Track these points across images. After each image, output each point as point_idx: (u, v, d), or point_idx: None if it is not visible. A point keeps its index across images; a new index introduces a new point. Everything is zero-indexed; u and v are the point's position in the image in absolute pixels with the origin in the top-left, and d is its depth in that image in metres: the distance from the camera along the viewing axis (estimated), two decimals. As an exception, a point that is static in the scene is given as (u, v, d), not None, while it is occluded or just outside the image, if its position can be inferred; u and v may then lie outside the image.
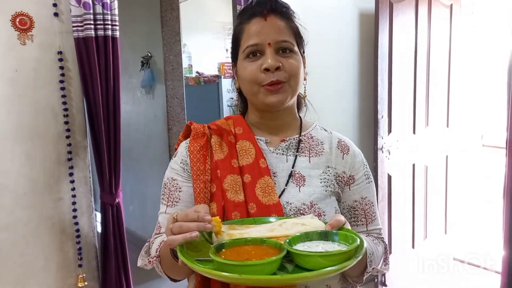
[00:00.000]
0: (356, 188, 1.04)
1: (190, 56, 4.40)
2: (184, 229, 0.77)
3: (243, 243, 0.79)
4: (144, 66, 3.46)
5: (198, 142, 1.01)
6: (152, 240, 1.01)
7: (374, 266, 0.97)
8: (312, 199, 0.97)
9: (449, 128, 3.33)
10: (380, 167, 2.85)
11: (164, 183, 1.04)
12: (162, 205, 1.03)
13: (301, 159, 1.03)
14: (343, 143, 1.08)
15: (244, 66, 0.99)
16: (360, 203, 1.05)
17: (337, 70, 2.86)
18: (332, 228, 0.82)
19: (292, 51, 0.99)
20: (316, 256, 0.73)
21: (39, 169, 1.85)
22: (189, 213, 0.79)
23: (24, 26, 1.77)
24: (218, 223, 0.79)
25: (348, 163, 1.05)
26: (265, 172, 0.97)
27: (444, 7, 3.13)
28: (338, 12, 2.80)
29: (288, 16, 1.02)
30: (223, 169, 0.98)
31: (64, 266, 1.94)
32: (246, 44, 0.98)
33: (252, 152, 1.00)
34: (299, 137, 1.06)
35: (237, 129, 1.05)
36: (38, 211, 1.86)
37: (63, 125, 1.88)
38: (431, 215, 3.25)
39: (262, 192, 0.95)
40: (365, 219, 1.05)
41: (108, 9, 1.82)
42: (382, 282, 2.95)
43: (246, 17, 1.01)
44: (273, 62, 0.95)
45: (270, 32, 0.97)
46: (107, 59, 1.85)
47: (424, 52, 3.03)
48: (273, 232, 0.82)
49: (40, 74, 1.82)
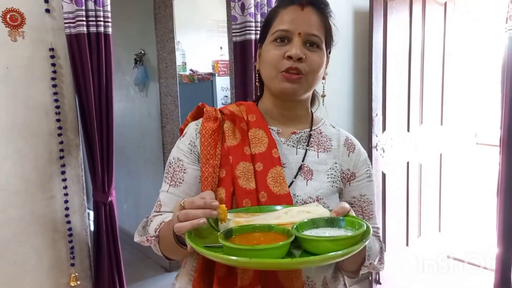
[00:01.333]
0: (356, 185, 1.06)
1: (184, 54, 4.38)
2: (190, 216, 0.78)
3: (250, 229, 0.80)
4: (138, 64, 3.43)
5: (211, 125, 1.00)
6: (151, 218, 1.01)
7: (371, 261, 0.98)
8: (319, 193, 0.99)
9: (443, 126, 3.34)
10: (374, 165, 2.85)
11: (169, 162, 1.04)
12: (164, 184, 1.03)
13: (311, 153, 1.04)
14: (350, 141, 1.10)
15: (269, 49, 0.99)
16: (358, 200, 1.06)
17: (331, 68, 2.84)
18: (338, 215, 0.83)
19: (319, 47, 1.01)
20: (324, 241, 0.75)
21: (31, 167, 1.83)
22: (195, 200, 0.80)
23: (15, 22, 1.74)
24: (224, 210, 0.80)
25: (353, 160, 1.06)
26: (277, 162, 0.98)
27: (438, 5, 3.13)
28: (332, 10, 2.79)
29: (325, 13, 1.04)
30: (235, 156, 0.98)
31: (56, 265, 1.92)
32: (277, 27, 0.99)
33: (265, 141, 1.00)
34: (310, 131, 1.08)
35: (250, 116, 1.04)
36: (30, 210, 1.84)
37: (55, 123, 1.85)
38: (425, 213, 3.26)
39: (274, 181, 0.96)
40: (362, 216, 1.06)
41: (100, 6, 1.80)
42: (376, 280, 2.95)
43: (285, 2, 1.01)
44: (298, 52, 0.95)
45: (303, 23, 0.98)
46: (100, 56, 1.83)
47: (418, 50, 3.03)
48: (278, 220, 0.83)
49: (31, 71, 1.79)
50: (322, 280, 0.99)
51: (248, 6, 2.18)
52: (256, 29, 2.21)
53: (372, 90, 2.79)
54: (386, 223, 2.99)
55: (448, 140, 3.43)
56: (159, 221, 0.97)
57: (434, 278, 3.12)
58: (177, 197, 0.99)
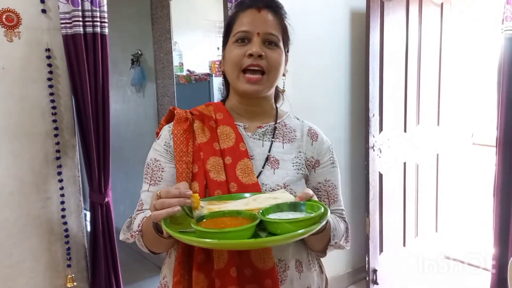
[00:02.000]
0: (321, 171, 1.15)
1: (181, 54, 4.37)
2: (166, 205, 0.84)
3: (221, 215, 0.88)
4: (134, 64, 3.43)
5: (182, 126, 1.10)
6: (134, 216, 1.09)
7: (336, 240, 1.08)
8: (285, 181, 1.07)
9: (439, 126, 3.35)
10: (371, 166, 2.86)
11: (147, 163, 1.12)
12: (144, 184, 1.11)
13: (276, 144, 1.13)
14: (313, 131, 1.19)
15: (231, 49, 1.08)
16: (323, 185, 1.15)
17: (328, 69, 2.85)
18: (301, 199, 0.92)
19: (277, 45, 1.08)
20: (284, 223, 0.83)
21: (26, 168, 1.82)
22: (171, 190, 0.86)
23: (11, 22, 1.73)
24: (197, 199, 0.88)
25: (316, 149, 1.16)
26: (245, 155, 1.07)
27: (435, 5, 3.14)
28: (329, 11, 2.80)
29: (280, 14, 1.11)
30: (206, 152, 1.06)
31: (52, 266, 1.91)
32: (237, 29, 1.08)
33: (233, 137, 1.09)
34: (275, 124, 1.16)
35: (217, 114, 1.13)
36: (26, 211, 1.83)
37: (51, 124, 1.85)
38: (422, 213, 3.26)
39: (242, 172, 1.04)
40: (328, 200, 1.15)
41: (96, 6, 1.80)
42: (373, 280, 2.96)
43: (243, 6, 1.10)
44: (257, 49, 1.04)
45: (260, 23, 1.06)
46: (96, 57, 1.83)
47: (415, 50, 3.04)
48: (247, 206, 0.91)
49: (27, 71, 1.79)
50: (295, 263, 1.07)
51: (245, 6, 2.17)
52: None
53: (369, 90, 2.79)
54: (383, 223, 2.99)
55: (445, 141, 3.43)
56: (141, 217, 1.05)
57: (431, 278, 3.13)
58: None
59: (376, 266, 2.97)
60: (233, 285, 0.95)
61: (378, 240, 2.99)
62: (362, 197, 3.00)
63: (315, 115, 2.80)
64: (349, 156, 3.04)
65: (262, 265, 0.98)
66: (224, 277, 0.96)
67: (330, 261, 3.05)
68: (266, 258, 0.99)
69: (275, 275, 0.99)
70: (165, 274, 1.13)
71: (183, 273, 1.01)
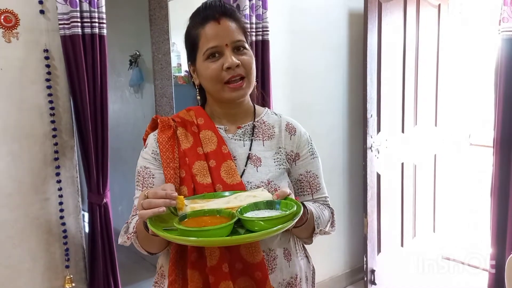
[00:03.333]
0: (301, 164, 1.20)
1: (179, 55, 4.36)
2: (152, 205, 0.90)
3: (202, 214, 0.94)
4: (133, 65, 3.43)
5: (166, 133, 1.14)
6: (129, 221, 1.14)
7: (321, 227, 1.15)
8: (269, 177, 1.12)
9: (437, 127, 3.36)
10: (369, 166, 2.86)
11: (137, 171, 1.17)
12: (137, 191, 1.16)
13: (256, 143, 1.18)
14: (291, 125, 1.22)
15: (206, 67, 1.10)
16: (305, 176, 1.20)
17: (326, 70, 2.86)
18: (278, 197, 0.98)
19: (245, 48, 1.13)
20: (259, 221, 0.89)
21: (25, 169, 1.82)
22: (157, 191, 0.92)
23: (9, 23, 1.73)
24: (181, 200, 0.94)
25: (295, 142, 1.20)
26: (227, 157, 1.11)
27: (432, 7, 3.15)
28: (327, 12, 2.81)
29: (237, 17, 1.15)
30: (190, 157, 1.11)
31: (51, 267, 1.91)
32: (205, 47, 1.10)
33: (215, 140, 1.14)
34: (253, 123, 1.20)
35: (199, 119, 1.18)
36: (24, 212, 1.83)
37: (49, 125, 1.85)
38: (419, 213, 3.27)
39: (226, 174, 1.09)
40: (310, 190, 1.21)
41: (95, 7, 1.80)
42: (371, 280, 2.96)
43: (199, 21, 1.13)
44: (233, 61, 1.08)
45: (225, 34, 1.09)
46: (95, 58, 1.83)
47: (412, 51, 3.05)
48: (228, 204, 0.96)
49: (25, 72, 1.79)
50: (283, 251, 1.13)
51: (243, 7, 2.18)
52: (251, 31, 2.22)
53: (367, 91, 2.80)
54: (381, 224, 3.00)
55: (442, 141, 3.44)
56: (136, 220, 1.10)
57: (429, 278, 3.13)
58: None
59: (374, 267, 2.97)
60: (226, 279, 1.01)
61: (376, 240, 2.99)
62: (360, 197, 3.00)
63: (314, 116, 2.81)
64: (347, 157, 3.04)
65: (251, 259, 1.04)
66: (217, 273, 1.01)
67: (328, 262, 3.06)
68: (254, 252, 1.04)
69: (264, 267, 1.05)
70: (161, 264, 1.18)
71: (177, 272, 1.06)
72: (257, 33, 2.27)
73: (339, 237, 3.07)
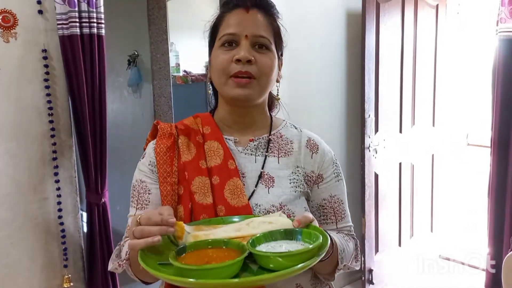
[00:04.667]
0: (325, 187, 1.04)
1: (178, 55, 4.38)
2: (145, 234, 0.75)
3: (205, 245, 0.78)
4: (131, 65, 3.43)
5: (165, 143, 0.99)
6: (122, 243, 0.99)
7: (345, 262, 0.97)
8: (282, 200, 0.95)
9: (435, 127, 3.37)
10: (367, 166, 2.87)
11: (133, 185, 1.02)
12: (131, 208, 1.01)
13: (270, 159, 1.01)
14: (313, 142, 1.06)
15: (217, 55, 0.97)
16: (329, 202, 1.04)
17: (324, 70, 2.87)
18: (299, 224, 0.82)
19: (268, 48, 0.97)
20: (276, 257, 0.72)
21: (23, 169, 1.82)
22: (152, 216, 0.77)
23: (7, 23, 1.74)
24: (181, 227, 0.78)
25: (317, 162, 1.03)
26: (234, 174, 0.95)
27: (430, 7, 3.16)
28: (325, 12, 2.81)
29: (271, 14, 1.01)
30: (190, 171, 0.96)
31: (49, 266, 1.92)
32: (223, 32, 0.97)
33: (221, 153, 0.98)
34: (269, 136, 1.04)
35: (205, 128, 1.02)
36: (22, 211, 1.83)
37: (47, 124, 1.85)
38: (417, 213, 3.28)
39: (231, 194, 0.93)
40: (335, 217, 1.05)
41: (93, 7, 1.80)
42: (369, 280, 2.97)
43: (229, 6, 0.99)
44: (246, 54, 0.93)
45: (249, 25, 0.95)
46: (93, 58, 1.83)
47: (410, 52, 3.05)
48: (239, 232, 0.81)
49: (24, 72, 1.79)
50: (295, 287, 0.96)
51: (241, 7, 2.18)
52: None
53: (365, 91, 2.81)
54: (378, 224, 3.01)
55: (440, 141, 3.45)
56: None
57: (426, 277, 3.14)
58: None
59: (372, 266, 2.98)
60: None
61: (374, 240, 3.00)
62: (357, 197, 3.01)
63: (312, 116, 2.81)
64: (345, 157, 3.05)
65: None
66: None
67: (326, 261, 3.07)
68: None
69: None
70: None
71: None
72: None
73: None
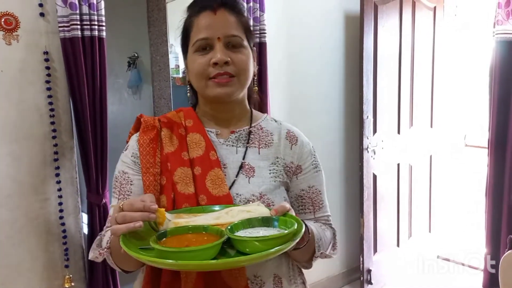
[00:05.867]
0: (303, 178, 1.07)
1: (177, 57, 4.37)
2: (127, 219, 0.78)
3: (185, 231, 0.81)
4: (131, 67, 3.44)
5: (148, 135, 1.02)
6: (103, 233, 1.02)
7: (322, 250, 1.01)
8: (262, 190, 0.99)
9: (433, 128, 3.39)
10: (365, 167, 2.89)
11: (115, 177, 1.04)
12: (113, 199, 1.04)
13: (251, 150, 1.05)
14: (292, 134, 1.09)
15: (194, 60, 0.99)
16: (307, 192, 1.08)
17: (322, 72, 2.89)
18: (277, 213, 0.85)
19: (242, 45, 1.00)
20: (253, 241, 0.76)
21: (25, 170, 1.84)
22: (134, 203, 0.80)
23: (9, 26, 1.76)
24: (162, 214, 0.81)
25: (296, 153, 1.07)
26: (215, 164, 0.99)
27: (428, 9, 3.18)
28: (323, 14, 2.83)
29: (238, 10, 1.02)
30: (173, 162, 0.99)
31: (50, 266, 1.93)
32: (195, 37, 0.98)
33: (203, 145, 1.01)
34: (250, 128, 1.08)
35: (187, 121, 1.05)
36: (24, 212, 1.85)
37: (49, 126, 1.87)
38: (415, 214, 3.30)
39: (212, 184, 0.97)
40: (312, 207, 1.08)
41: (94, 10, 1.82)
42: (367, 280, 2.99)
43: (196, 9, 1.01)
44: (222, 56, 0.95)
45: (219, 26, 0.97)
46: (94, 60, 1.85)
47: (408, 53, 3.07)
48: (218, 220, 0.84)
49: (25, 74, 1.81)
50: (273, 279, 0.99)
51: (241, 10, 2.20)
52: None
53: (363, 92, 2.82)
54: (377, 224, 3.02)
55: (438, 142, 3.47)
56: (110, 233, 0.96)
57: (425, 278, 3.16)
58: None
59: (370, 266, 3.00)
60: None
61: (372, 240, 3.02)
62: (356, 198, 3.03)
63: (310, 117, 2.83)
64: (343, 158, 3.07)
65: (234, 284, 0.91)
66: None
67: (324, 261, 3.06)
68: (238, 276, 0.92)
69: None
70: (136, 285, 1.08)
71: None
72: (254, 35, 2.30)
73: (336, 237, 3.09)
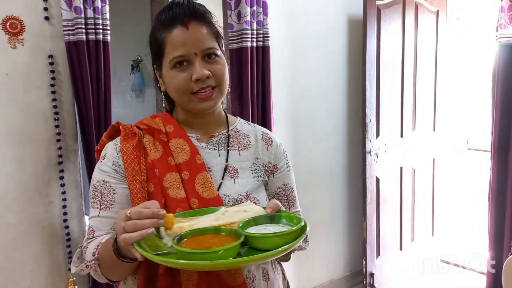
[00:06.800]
0: (279, 176, 1.13)
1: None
2: (138, 227, 0.79)
3: (199, 233, 0.83)
4: (134, 70, 3.46)
5: (130, 142, 1.00)
6: (85, 245, 0.99)
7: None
8: (247, 189, 1.04)
9: (435, 131, 3.38)
10: (368, 170, 2.89)
11: (94, 186, 1.01)
12: (93, 209, 1.00)
13: (232, 152, 1.08)
14: (267, 135, 1.15)
15: (173, 76, 0.99)
16: (283, 189, 1.14)
17: (326, 75, 2.89)
18: (272, 210, 0.90)
19: (217, 55, 1.01)
20: (273, 237, 0.81)
21: (29, 173, 1.84)
22: (143, 211, 0.81)
23: (14, 30, 1.77)
24: (170, 219, 0.82)
25: (272, 153, 1.13)
26: (202, 168, 1.01)
27: (430, 13, 3.19)
28: (327, 18, 2.84)
29: (208, 20, 1.02)
30: (161, 168, 0.99)
31: (54, 270, 1.94)
32: (172, 55, 0.98)
33: (187, 149, 1.03)
34: (227, 132, 1.11)
35: (167, 127, 1.06)
36: (28, 215, 1.85)
37: (53, 129, 1.87)
38: (418, 217, 3.29)
39: (202, 187, 0.99)
40: (288, 203, 1.15)
41: (99, 14, 1.83)
42: (370, 283, 2.98)
43: (165, 22, 1.00)
44: (203, 72, 0.97)
45: (194, 41, 0.98)
46: (98, 63, 1.86)
47: (411, 57, 3.08)
48: (218, 221, 0.86)
49: (30, 78, 1.82)
50: (261, 272, 1.04)
51: (245, 14, 2.21)
52: (252, 37, 2.25)
53: (366, 96, 2.83)
54: (380, 227, 3.02)
55: (441, 146, 3.47)
56: (95, 244, 0.96)
57: (428, 281, 3.15)
58: (111, 219, 0.98)
59: (373, 270, 2.99)
60: None
61: (375, 244, 3.01)
62: (359, 201, 3.03)
63: (314, 121, 2.84)
64: (347, 161, 3.07)
65: (232, 282, 0.95)
66: None
67: (327, 265, 3.08)
68: (236, 274, 0.95)
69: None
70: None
71: None
72: (257, 39, 2.30)
73: (339, 241, 3.10)
